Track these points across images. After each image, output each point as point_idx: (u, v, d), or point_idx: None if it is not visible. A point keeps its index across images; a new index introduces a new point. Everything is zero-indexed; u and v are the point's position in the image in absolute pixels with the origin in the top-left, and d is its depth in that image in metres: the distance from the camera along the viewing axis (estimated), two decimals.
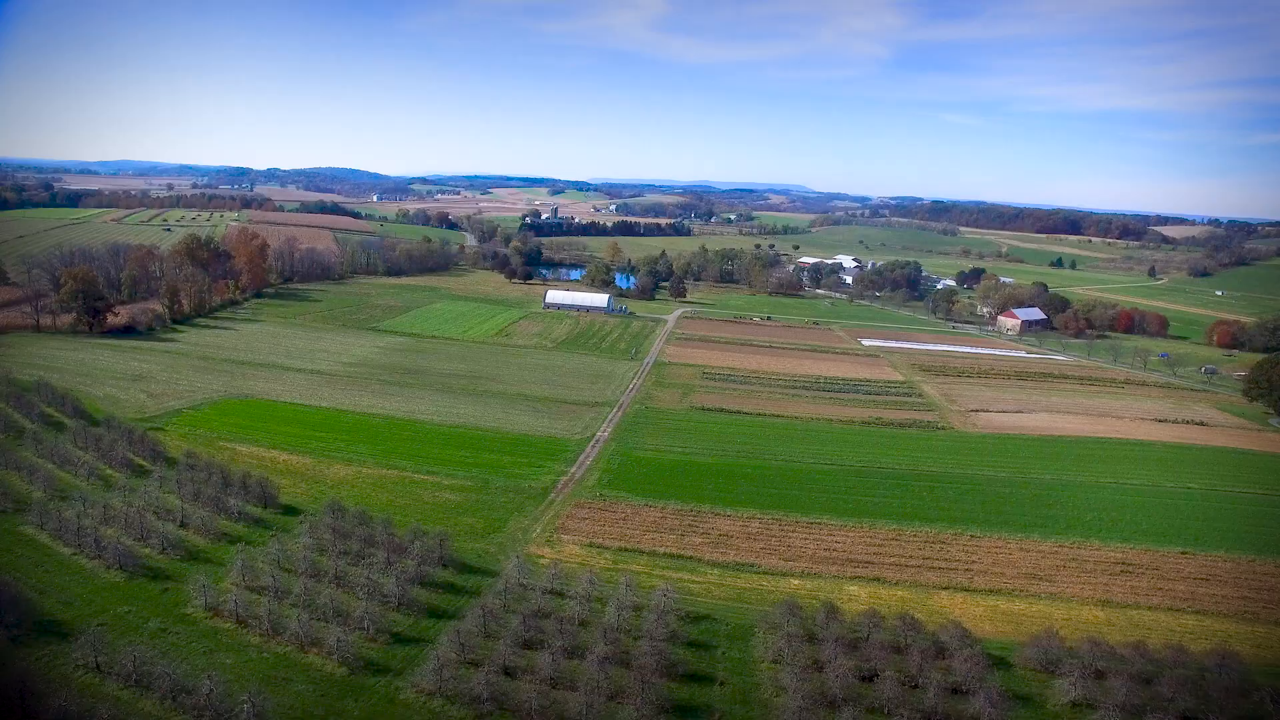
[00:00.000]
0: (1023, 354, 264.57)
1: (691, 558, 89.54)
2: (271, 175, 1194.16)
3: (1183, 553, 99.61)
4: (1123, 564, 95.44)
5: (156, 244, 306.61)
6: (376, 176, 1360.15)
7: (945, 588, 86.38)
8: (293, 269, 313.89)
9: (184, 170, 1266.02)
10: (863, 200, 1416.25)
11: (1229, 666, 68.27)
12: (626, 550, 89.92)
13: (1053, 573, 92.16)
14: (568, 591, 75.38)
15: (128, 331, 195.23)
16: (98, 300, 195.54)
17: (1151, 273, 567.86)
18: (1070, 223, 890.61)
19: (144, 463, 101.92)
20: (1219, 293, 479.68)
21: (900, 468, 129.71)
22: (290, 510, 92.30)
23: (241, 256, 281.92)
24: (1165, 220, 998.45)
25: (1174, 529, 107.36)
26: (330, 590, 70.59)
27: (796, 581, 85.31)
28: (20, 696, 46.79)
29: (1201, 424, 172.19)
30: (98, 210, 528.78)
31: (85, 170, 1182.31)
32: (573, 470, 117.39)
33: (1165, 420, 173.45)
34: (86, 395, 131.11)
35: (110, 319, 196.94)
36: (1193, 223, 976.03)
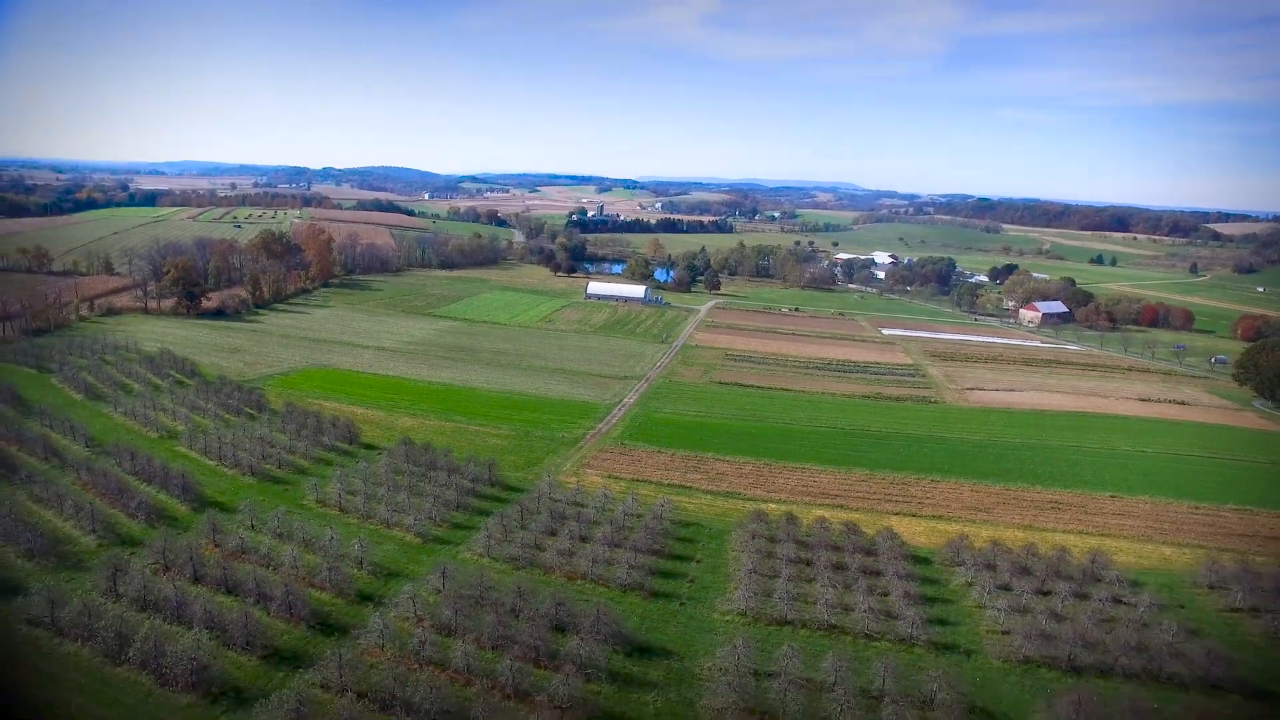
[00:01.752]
0: (1036, 343, 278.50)
1: (691, 487, 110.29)
2: (327, 174, 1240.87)
3: (1111, 496, 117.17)
4: (1054, 502, 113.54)
5: (234, 239, 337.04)
6: (428, 175, 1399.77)
7: (896, 513, 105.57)
8: (354, 262, 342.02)
9: (244, 170, 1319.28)
10: (912, 198, 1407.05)
11: (1099, 563, 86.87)
12: (638, 481, 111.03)
13: (991, 506, 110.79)
14: (585, 502, 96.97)
15: (218, 314, 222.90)
16: (194, 286, 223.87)
17: (1193, 269, 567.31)
18: (1118, 220, 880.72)
19: (252, 411, 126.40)
20: (1260, 289, 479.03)
21: (886, 430, 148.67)
22: (369, 446, 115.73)
23: (310, 250, 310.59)
24: (1228, 216, 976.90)
25: (1112, 480, 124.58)
26: (405, 495, 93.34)
27: (773, 505, 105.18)
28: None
29: (1182, 403, 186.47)
30: (173, 209, 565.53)
31: (154, 171, 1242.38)
32: (600, 426, 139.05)
33: (1148, 400, 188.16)
34: (197, 362, 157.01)
35: (204, 303, 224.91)
36: (1256, 219, 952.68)
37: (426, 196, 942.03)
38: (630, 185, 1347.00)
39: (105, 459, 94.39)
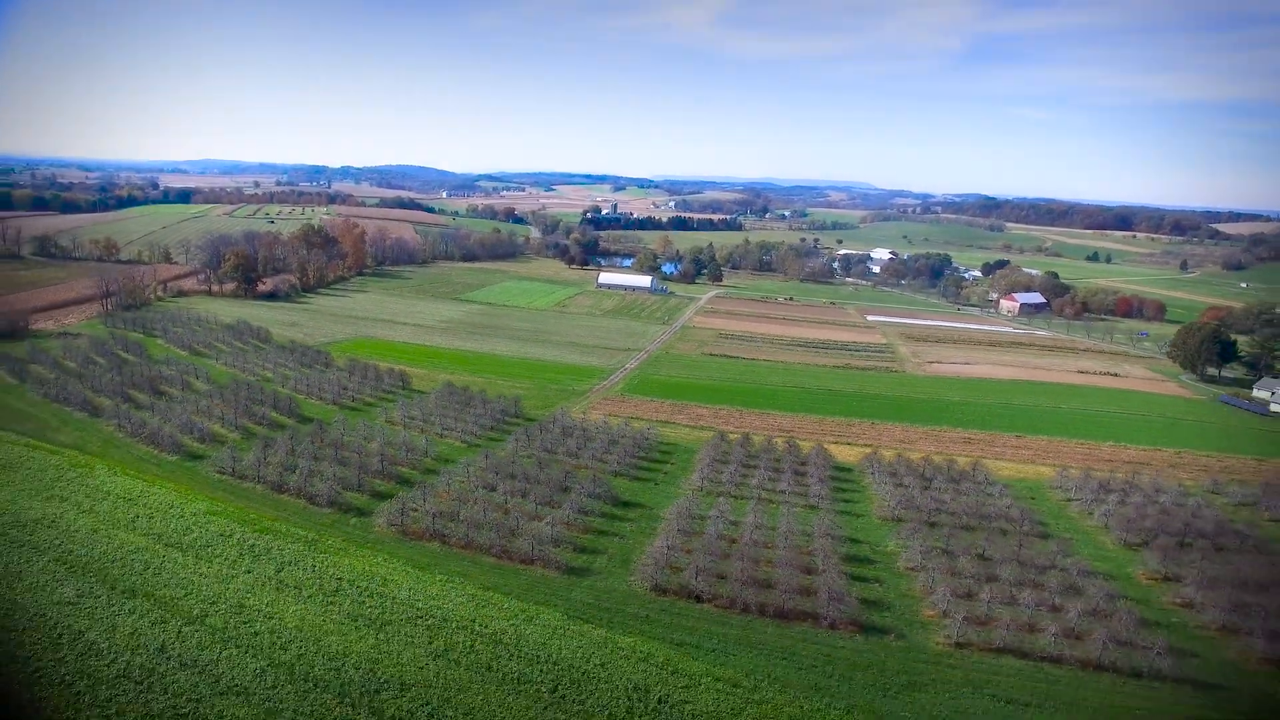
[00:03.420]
0: (1007, 329, 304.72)
1: (673, 423, 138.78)
2: (346, 173, 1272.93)
3: (1017, 437, 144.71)
4: (966, 439, 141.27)
5: (277, 232, 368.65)
6: (445, 174, 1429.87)
7: (835, 442, 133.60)
8: (384, 254, 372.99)
9: (264, 168, 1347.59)
10: (925, 197, 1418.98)
11: (977, 470, 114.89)
12: (632, 418, 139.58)
13: (915, 440, 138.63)
14: (589, 427, 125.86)
15: (272, 296, 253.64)
16: (251, 272, 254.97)
17: (1183, 266, 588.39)
18: (1121, 219, 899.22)
19: (321, 366, 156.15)
20: (1243, 284, 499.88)
21: (846, 391, 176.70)
22: (418, 390, 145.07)
23: (346, 242, 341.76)
24: (1239, 216, 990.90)
25: (1022, 425, 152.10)
26: (452, 419, 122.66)
27: (737, 435, 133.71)
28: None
29: (1115, 375, 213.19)
30: (207, 205, 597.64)
31: (176, 170, 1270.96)
32: (604, 383, 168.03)
33: (1086, 372, 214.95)
34: (268, 331, 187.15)
35: (259, 287, 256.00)
36: (1268, 218, 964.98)
37: (444, 195, 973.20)
38: (645, 184, 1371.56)
39: (225, 390, 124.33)
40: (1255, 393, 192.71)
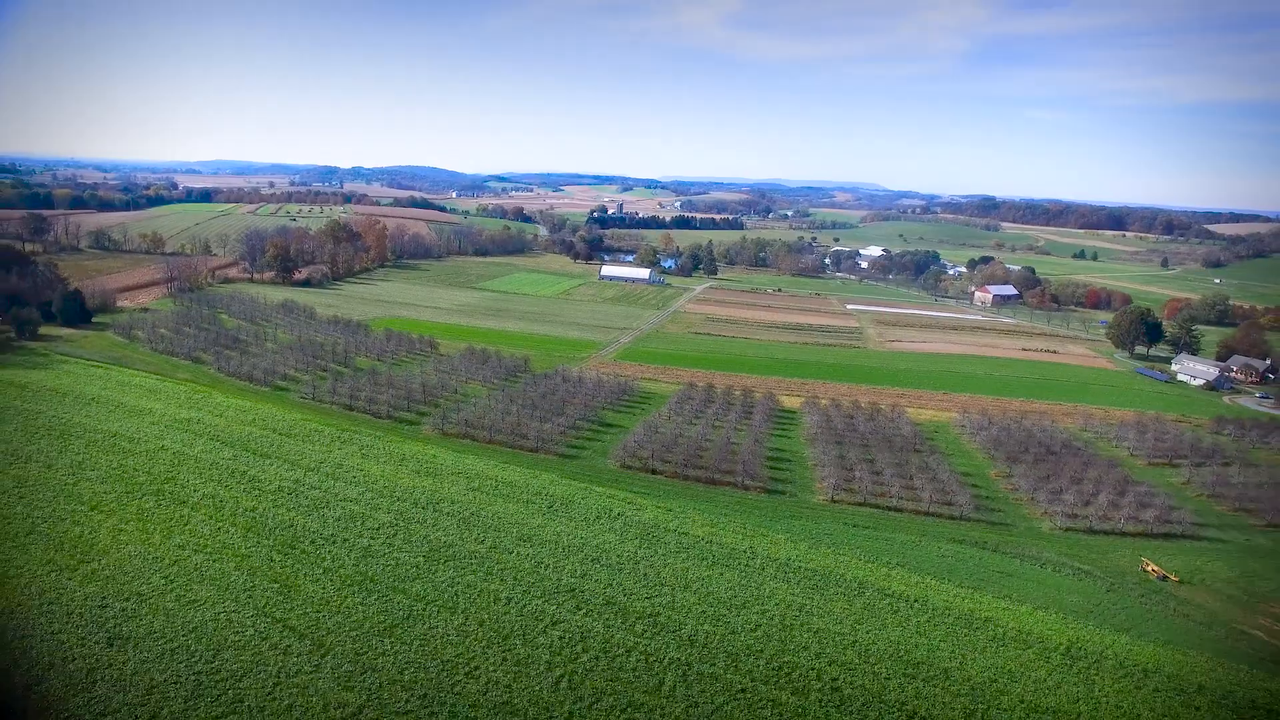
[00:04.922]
0: (976, 317, 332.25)
1: (656, 379, 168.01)
2: (357, 173, 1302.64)
3: (943, 393, 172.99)
4: (900, 394, 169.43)
5: (306, 227, 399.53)
6: (454, 174, 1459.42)
7: (786, 395, 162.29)
8: (402, 249, 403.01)
9: (276, 169, 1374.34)
10: (931, 198, 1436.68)
11: (896, 410, 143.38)
12: (619, 375, 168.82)
13: (856, 395, 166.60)
14: (583, 378, 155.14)
15: (306, 283, 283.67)
16: (289, 262, 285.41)
17: (1164, 264, 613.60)
18: (1114, 219, 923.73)
19: (363, 334, 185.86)
20: (1217, 281, 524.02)
21: (809, 360, 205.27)
22: (444, 354, 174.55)
23: (369, 237, 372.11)
24: (1239, 217, 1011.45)
25: (952, 385, 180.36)
26: (473, 371, 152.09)
27: (704, 385, 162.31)
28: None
29: (1054, 352, 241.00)
30: (230, 205, 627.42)
31: (190, 170, 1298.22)
32: (600, 353, 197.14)
33: (1029, 349, 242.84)
34: (312, 309, 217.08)
35: (295, 275, 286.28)
36: (1267, 219, 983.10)
37: (454, 195, 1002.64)
38: (652, 185, 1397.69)
39: (292, 348, 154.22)
40: (1172, 366, 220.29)
